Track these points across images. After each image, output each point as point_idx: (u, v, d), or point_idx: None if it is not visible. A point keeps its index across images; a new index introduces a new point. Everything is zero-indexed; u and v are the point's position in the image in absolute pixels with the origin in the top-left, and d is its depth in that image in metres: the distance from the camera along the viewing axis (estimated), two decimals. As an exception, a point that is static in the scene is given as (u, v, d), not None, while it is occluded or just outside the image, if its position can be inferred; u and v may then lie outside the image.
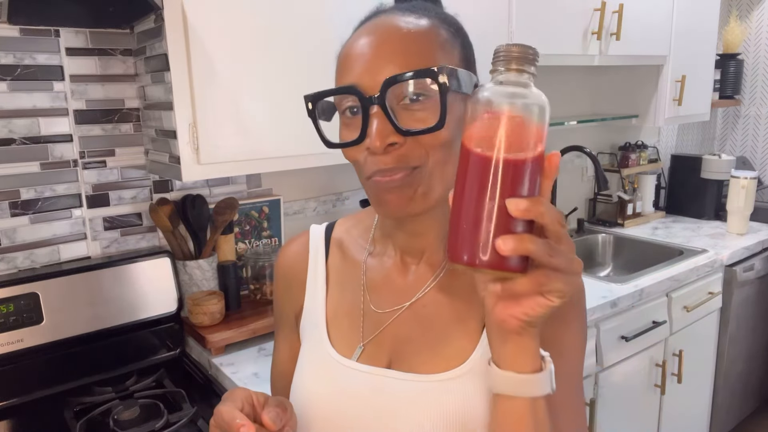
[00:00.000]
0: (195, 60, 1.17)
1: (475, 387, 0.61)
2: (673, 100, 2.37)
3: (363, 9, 0.66)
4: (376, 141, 0.56)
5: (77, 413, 1.20)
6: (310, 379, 0.68)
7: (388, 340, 0.67)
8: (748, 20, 3.07)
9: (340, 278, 0.72)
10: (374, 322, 0.68)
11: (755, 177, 2.40)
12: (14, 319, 1.23)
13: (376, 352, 0.67)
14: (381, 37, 0.59)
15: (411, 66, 0.56)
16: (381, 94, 0.56)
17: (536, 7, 1.79)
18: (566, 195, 2.54)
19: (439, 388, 0.62)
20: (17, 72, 1.28)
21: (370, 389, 0.65)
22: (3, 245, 1.31)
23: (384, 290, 0.69)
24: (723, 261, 2.14)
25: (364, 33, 0.61)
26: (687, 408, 2.18)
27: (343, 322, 0.70)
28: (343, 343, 0.68)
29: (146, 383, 1.33)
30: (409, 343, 0.66)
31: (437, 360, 0.64)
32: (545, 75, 2.32)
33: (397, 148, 0.57)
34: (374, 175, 0.59)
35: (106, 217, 1.44)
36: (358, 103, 0.58)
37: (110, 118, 1.41)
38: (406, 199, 0.59)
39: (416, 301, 0.67)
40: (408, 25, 0.59)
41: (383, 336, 0.67)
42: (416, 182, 0.59)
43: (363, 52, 0.59)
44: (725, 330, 2.25)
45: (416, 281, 0.68)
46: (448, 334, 0.65)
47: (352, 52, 0.60)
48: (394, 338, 0.67)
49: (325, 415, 0.66)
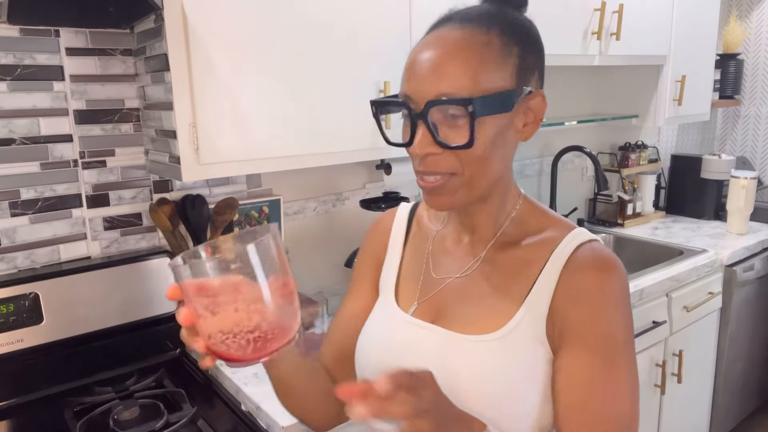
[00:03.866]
0: (195, 60, 1.17)
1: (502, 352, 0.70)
2: (673, 100, 2.37)
3: (363, 9, 0.67)
4: (416, 149, 0.66)
5: (77, 413, 1.20)
6: (373, 327, 0.83)
7: (437, 302, 0.78)
8: (748, 20, 3.07)
9: (413, 247, 0.86)
10: (430, 285, 0.80)
11: (755, 177, 2.40)
12: (14, 319, 1.23)
13: (426, 310, 0.78)
14: (434, 53, 0.66)
15: (455, 85, 0.64)
16: (423, 111, 0.65)
17: (536, 7, 1.77)
18: (566, 195, 2.54)
19: (476, 345, 0.71)
20: (17, 72, 1.28)
21: (415, 338, 0.76)
22: (3, 245, 1.31)
23: (442, 259, 0.81)
24: (723, 261, 2.14)
25: (424, 45, 0.68)
26: (687, 408, 2.18)
27: (408, 283, 0.83)
28: (405, 300, 0.82)
29: (146, 383, 1.33)
30: (453, 306, 0.76)
31: (476, 326, 0.73)
32: (545, 75, 2.32)
33: (435, 156, 0.67)
34: (418, 173, 0.70)
35: (106, 217, 1.44)
36: (407, 112, 0.68)
37: (110, 118, 1.41)
38: (444, 201, 0.70)
39: (466, 271, 0.78)
40: (462, 41, 0.66)
41: (434, 298, 0.79)
42: (454, 187, 0.69)
43: (417, 67, 0.67)
44: (725, 330, 2.25)
45: (468, 254, 0.79)
46: (488, 304, 0.74)
47: (411, 63, 0.68)
48: (442, 301, 0.78)
49: (375, 357, 0.79)
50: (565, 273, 0.70)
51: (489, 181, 0.70)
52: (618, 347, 0.68)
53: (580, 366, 0.68)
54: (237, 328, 0.54)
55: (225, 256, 0.56)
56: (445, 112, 0.65)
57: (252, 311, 0.54)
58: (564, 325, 0.69)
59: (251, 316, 0.54)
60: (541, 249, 0.73)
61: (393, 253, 0.87)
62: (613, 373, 0.68)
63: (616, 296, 0.69)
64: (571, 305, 0.69)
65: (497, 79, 0.66)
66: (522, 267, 0.74)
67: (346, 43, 1.37)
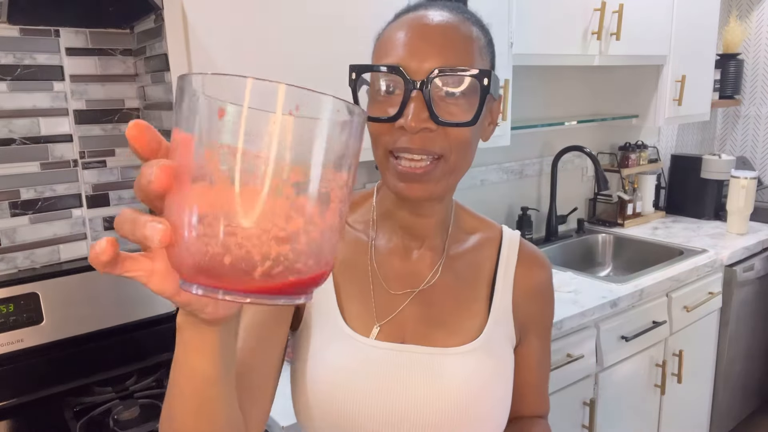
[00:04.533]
0: (195, 60, 1.17)
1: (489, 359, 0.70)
2: (673, 100, 2.37)
3: (363, 8, 0.66)
4: (412, 122, 0.59)
5: (77, 413, 1.20)
6: (332, 358, 0.68)
7: (403, 320, 0.71)
8: (748, 20, 3.07)
9: (345, 262, 0.73)
10: (388, 303, 0.72)
11: (755, 177, 2.40)
12: (14, 319, 1.23)
13: (392, 331, 0.70)
14: (432, 26, 0.62)
15: (455, 62, 0.60)
16: (426, 81, 0.59)
17: (536, 7, 1.79)
18: (566, 195, 2.54)
19: (460, 359, 0.69)
20: (17, 72, 1.28)
21: (395, 363, 0.68)
22: (3, 245, 1.31)
23: (391, 273, 0.73)
24: (723, 261, 2.14)
25: (414, 19, 0.63)
26: (687, 408, 2.18)
27: (354, 304, 0.71)
28: (358, 323, 0.70)
29: (146, 383, 1.33)
30: (423, 321, 0.71)
31: (451, 336, 0.70)
32: (545, 75, 2.32)
33: (427, 132, 0.60)
34: (398, 151, 0.61)
35: (106, 217, 1.44)
36: (398, 84, 0.61)
37: (110, 118, 1.41)
38: (427, 189, 0.63)
39: (426, 283, 0.72)
40: (458, 24, 0.63)
41: (398, 317, 0.71)
42: (438, 174, 0.63)
43: (412, 37, 0.61)
44: (725, 330, 2.25)
45: (423, 265, 0.73)
46: (458, 313, 0.72)
47: (399, 34, 0.62)
48: (408, 318, 0.71)
49: (350, 387, 0.67)
50: (520, 269, 0.76)
51: (464, 171, 0.66)
52: (551, 327, 0.83)
53: (535, 350, 0.79)
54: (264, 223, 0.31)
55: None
56: (446, 84, 0.60)
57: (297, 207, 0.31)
58: (525, 318, 0.77)
59: (291, 216, 0.31)
60: (486, 249, 0.77)
61: None
62: (548, 347, 0.82)
63: (553, 286, 0.82)
64: (530, 300, 0.77)
65: (485, 66, 0.64)
66: (476, 269, 0.75)
67: (347, 42, 1.37)
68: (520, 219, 2.27)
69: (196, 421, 0.48)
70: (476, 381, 0.68)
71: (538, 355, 0.79)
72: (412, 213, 0.70)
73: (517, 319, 0.76)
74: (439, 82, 0.60)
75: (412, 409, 0.66)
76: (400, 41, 0.62)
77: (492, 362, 0.70)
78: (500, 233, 0.79)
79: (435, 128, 0.60)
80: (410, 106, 0.59)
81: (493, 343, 0.72)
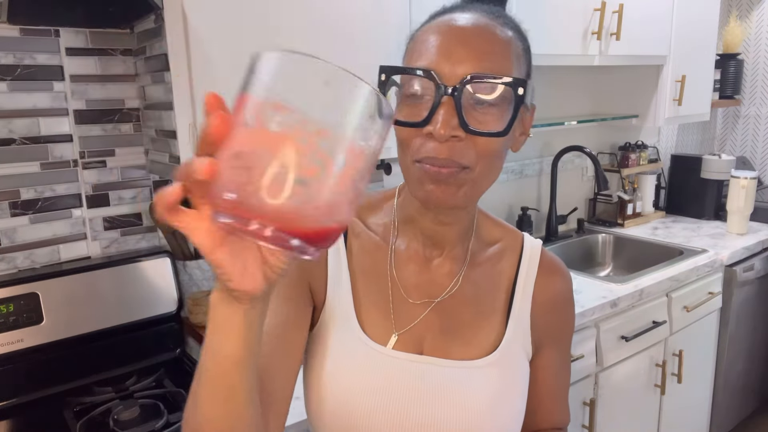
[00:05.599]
0: (195, 60, 1.17)
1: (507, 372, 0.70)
2: (673, 100, 2.37)
3: (364, 7, 0.66)
4: (441, 129, 0.57)
5: (77, 413, 1.20)
6: (349, 370, 0.67)
7: (421, 331, 0.70)
8: (748, 20, 3.07)
9: (363, 266, 0.71)
10: (406, 312, 0.70)
11: (755, 177, 2.40)
12: (14, 319, 1.23)
13: (410, 341, 0.69)
14: (467, 30, 0.60)
15: (490, 68, 0.58)
16: (458, 87, 0.56)
17: (536, 7, 1.78)
18: (566, 195, 2.54)
19: (477, 372, 0.68)
20: (17, 72, 1.28)
21: (412, 375, 0.67)
22: (3, 245, 1.31)
23: (411, 280, 0.71)
24: (723, 261, 2.14)
25: (448, 21, 0.61)
26: (687, 408, 2.18)
27: (372, 311, 0.70)
28: (375, 331, 0.69)
29: (146, 383, 1.33)
30: (442, 333, 0.70)
31: (469, 348, 0.69)
32: (545, 75, 2.32)
33: (455, 141, 0.58)
34: (425, 160, 0.59)
35: (106, 217, 1.44)
36: (429, 88, 0.58)
37: (110, 118, 1.41)
38: (449, 194, 0.60)
39: (446, 294, 0.71)
40: (495, 29, 0.60)
41: (417, 326, 0.70)
42: (462, 182, 0.60)
43: (445, 40, 0.59)
44: (725, 330, 2.25)
45: (442, 274, 0.71)
46: (476, 324, 0.71)
47: (433, 37, 0.60)
48: (427, 329, 0.70)
49: (365, 396, 0.66)
50: (540, 278, 0.75)
51: (489, 183, 0.63)
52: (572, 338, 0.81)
53: (553, 361, 0.77)
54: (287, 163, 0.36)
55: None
56: (479, 92, 0.57)
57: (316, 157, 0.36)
58: (543, 329, 0.75)
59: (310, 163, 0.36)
60: (506, 258, 0.75)
61: (338, 273, 0.71)
62: (568, 358, 0.81)
63: (573, 297, 0.80)
64: (549, 312, 0.75)
65: (521, 75, 0.62)
66: (496, 279, 0.74)
67: (347, 42, 1.37)
68: (520, 219, 2.27)
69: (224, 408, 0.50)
70: (493, 395, 0.68)
71: (556, 367, 0.77)
72: (435, 221, 0.69)
73: (534, 331, 0.74)
74: (471, 89, 0.57)
75: (428, 423, 0.66)
76: (432, 44, 0.59)
77: (509, 376, 0.70)
78: (521, 241, 0.77)
79: (464, 137, 0.58)
80: (440, 112, 0.57)
81: (510, 357, 0.71)
